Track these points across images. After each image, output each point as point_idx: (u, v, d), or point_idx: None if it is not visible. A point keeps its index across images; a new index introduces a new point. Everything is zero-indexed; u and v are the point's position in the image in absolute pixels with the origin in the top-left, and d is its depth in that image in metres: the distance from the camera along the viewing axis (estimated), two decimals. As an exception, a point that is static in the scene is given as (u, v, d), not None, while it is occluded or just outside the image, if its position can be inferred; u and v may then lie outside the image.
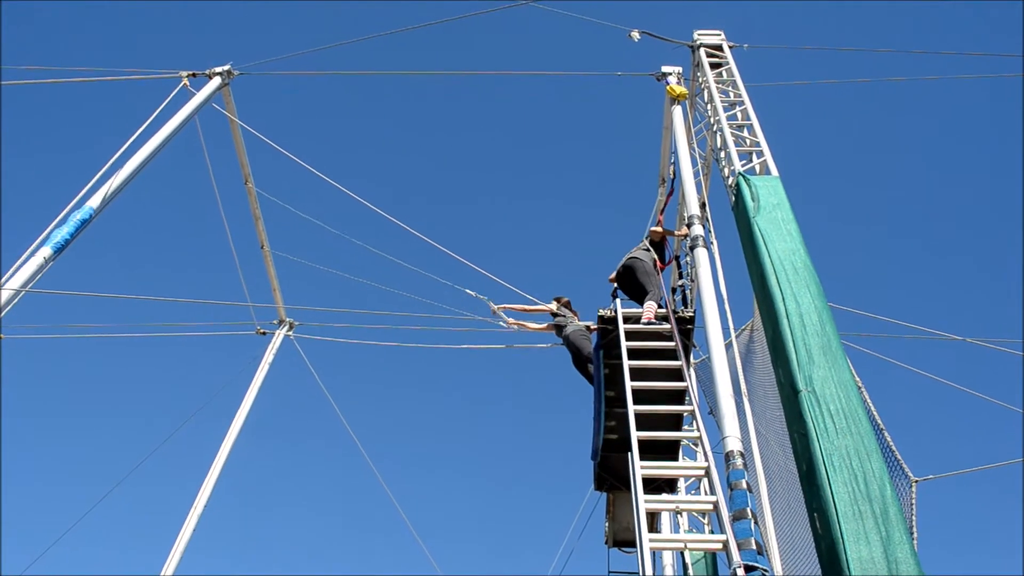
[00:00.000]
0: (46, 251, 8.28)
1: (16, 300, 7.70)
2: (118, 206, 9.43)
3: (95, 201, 8.95)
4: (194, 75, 10.95)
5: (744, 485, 5.94)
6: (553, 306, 10.29)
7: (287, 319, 13.10)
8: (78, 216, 8.75)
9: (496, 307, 10.74)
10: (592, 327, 9.87)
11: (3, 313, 7.55)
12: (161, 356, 32.39)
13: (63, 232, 8.53)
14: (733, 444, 6.21)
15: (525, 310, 10.58)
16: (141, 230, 31.52)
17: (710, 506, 6.20)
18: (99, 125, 30.45)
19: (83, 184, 9.08)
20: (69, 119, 32.25)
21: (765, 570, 5.50)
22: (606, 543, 9.95)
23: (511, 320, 10.95)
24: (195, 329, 11.90)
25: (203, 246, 31.88)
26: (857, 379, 7.05)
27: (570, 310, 10.23)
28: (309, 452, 31.10)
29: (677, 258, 10.58)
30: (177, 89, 10.69)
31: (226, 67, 11.13)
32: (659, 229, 9.95)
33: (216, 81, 10.98)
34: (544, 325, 10.61)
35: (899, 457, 8.33)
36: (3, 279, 7.69)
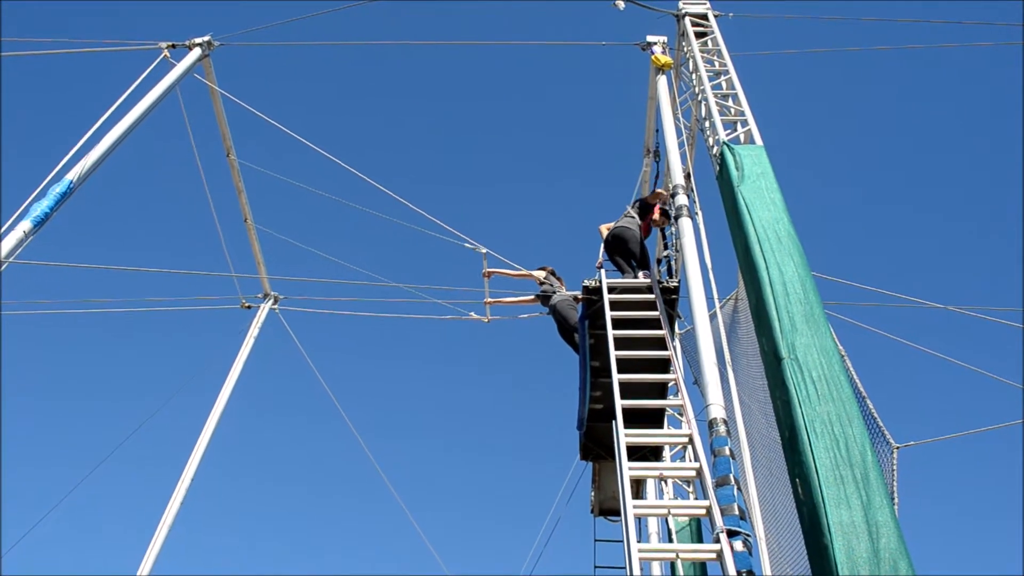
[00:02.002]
0: (25, 225, 8.18)
1: (-3, 273, 7.64)
2: (98, 179, 9.34)
3: (74, 174, 8.85)
4: (174, 46, 10.82)
5: (727, 452, 6.00)
6: (540, 274, 10.29)
7: (272, 292, 13.05)
8: (57, 189, 8.64)
9: (488, 269, 10.80)
10: (579, 297, 9.89)
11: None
12: (145, 332, 32.26)
13: (43, 205, 8.43)
14: (716, 412, 6.26)
15: (513, 275, 10.60)
16: (123, 203, 31.26)
17: (693, 473, 6.26)
18: (78, 97, 30.10)
19: (62, 157, 8.99)
20: (47, 91, 31.87)
21: (748, 534, 5.56)
22: (592, 512, 10.04)
23: (489, 299, 11.13)
24: (179, 303, 11.87)
25: (186, 219, 31.67)
26: (840, 347, 7.10)
27: (556, 278, 10.24)
28: (295, 425, 31.13)
29: (662, 228, 10.58)
30: (157, 60, 10.56)
31: (206, 38, 11.00)
32: (662, 193, 9.93)
33: (196, 52, 10.85)
34: (528, 296, 10.62)
35: (881, 424, 8.41)
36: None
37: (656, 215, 9.79)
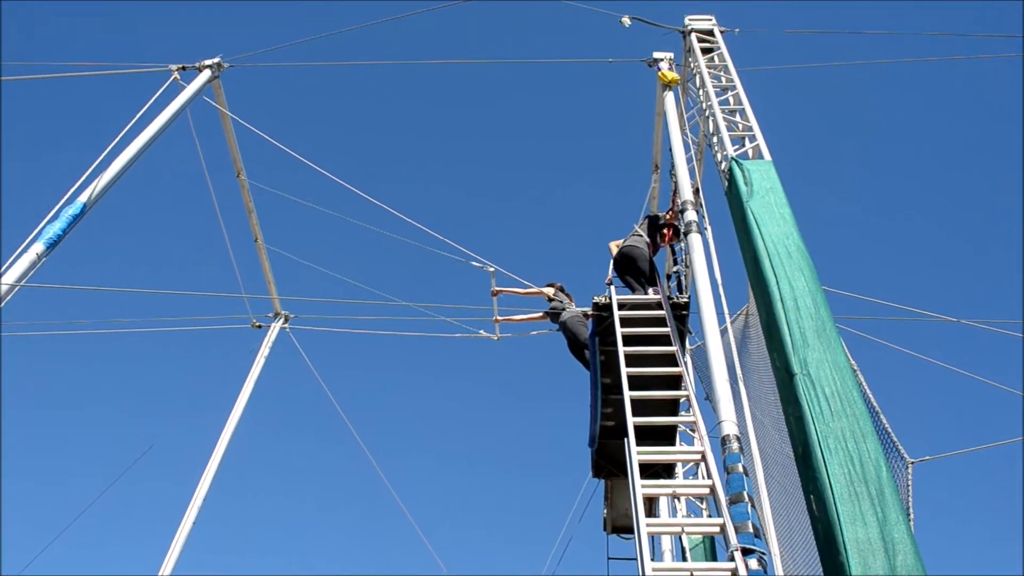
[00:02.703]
0: (39, 247, 8.25)
1: (10, 295, 7.68)
2: (110, 201, 9.40)
3: (87, 196, 8.92)
4: (184, 68, 10.91)
5: (740, 469, 5.97)
6: (549, 291, 10.27)
7: (282, 312, 13.09)
8: (70, 211, 8.72)
9: (497, 288, 10.79)
10: (589, 313, 9.89)
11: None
12: (157, 351, 32.35)
13: (55, 227, 8.50)
14: (729, 428, 6.23)
15: (522, 293, 10.59)
16: (134, 225, 31.42)
17: (707, 490, 6.24)
18: (90, 120, 30.32)
19: (74, 179, 9.06)
20: (60, 114, 32.14)
21: (762, 552, 5.53)
22: (604, 530, 9.99)
23: (498, 317, 11.12)
24: (190, 323, 11.91)
25: (197, 240, 31.82)
26: (852, 362, 7.08)
27: (565, 295, 10.22)
28: (307, 444, 31.13)
29: (672, 245, 10.58)
30: (168, 83, 10.65)
31: (216, 60, 11.08)
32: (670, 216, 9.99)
33: (206, 74, 10.93)
34: (537, 314, 10.59)
35: (895, 439, 8.36)
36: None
37: (668, 238, 9.84)
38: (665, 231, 9.88)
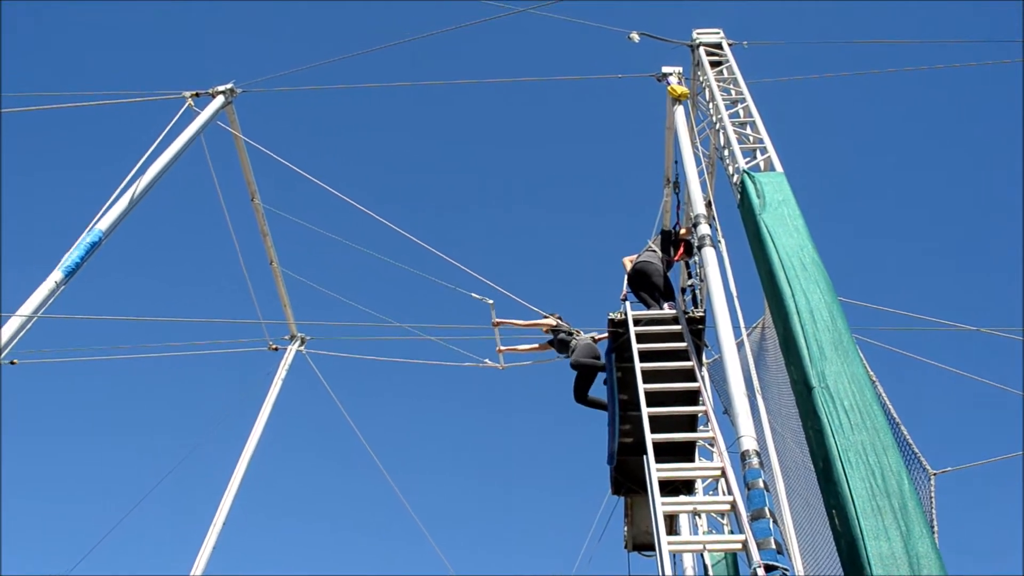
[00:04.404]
0: (57, 275, 8.32)
1: (28, 326, 7.74)
2: (126, 227, 9.48)
3: (104, 224, 9.00)
4: (197, 95, 11.01)
5: (761, 484, 5.92)
6: (550, 322, 10.16)
7: (298, 334, 13.15)
8: (87, 239, 8.79)
9: (497, 319, 10.72)
10: (597, 337, 9.88)
11: (16, 339, 7.58)
12: (175, 375, 32.51)
13: (73, 256, 8.57)
14: (748, 443, 6.19)
15: (522, 325, 10.46)
16: (150, 250, 31.64)
17: (728, 506, 6.20)
18: (105, 147, 30.63)
19: (91, 207, 9.14)
20: (75, 142, 32.45)
21: (785, 569, 5.47)
22: (625, 547, 9.92)
23: (501, 347, 11.11)
24: (208, 347, 11.96)
25: (212, 264, 32.01)
26: (871, 373, 7.03)
27: (565, 324, 10.13)
28: (324, 463, 31.14)
29: (688, 256, 10.55)
30: (182, 109, 10.75)
31: (229, 85, 11.19)
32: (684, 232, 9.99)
33: (219, 100, 11.03)
34: (536, 345, 10.53)
35: (916, 451, 8.27)
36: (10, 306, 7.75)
37: (680, 254, 9.82)
38: (679, 246, 9.86)
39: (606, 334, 9.88)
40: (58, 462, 29.63)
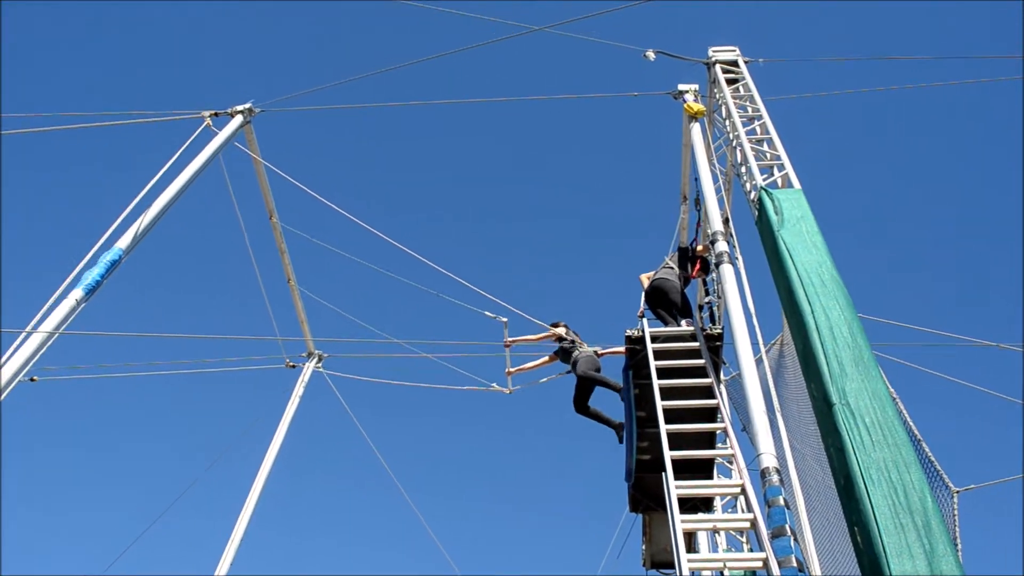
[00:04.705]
0: (77, 293, 8.37)
1: (50, 342, 7.80)
2: (144, 244, 9.54)
3: (124, 242, 9.07)
4: (216, 114, 11.11)
5: (781, 502, 5.88)
6: (560, 331, 10.24)
7: (316, 352, 13.20)
8: (108, 257, 8.85)
9: (509, 339, 10.73)
10: (601, 352, 9.85)
11: (38, 356, 7.64)
12: (194, 392, 32.63)
13: (93, 273, 8.62)
14: (768, 461, 6.15)
15: (534, 340, 10.52)
16: (167, 268, 31.88)
17: (747, 524, 6.15)
18: (123, 165, 30.90)
19: (110, 224, 9.20)
20: (94, 160, 32.75)
21: (807, 587, 5.43)
22: (644, 565, 9.86)
23: (511, 369, 11.12)
24: (226, 364, 12.02)
25: (229, 282, 32.21)
26: (891, 390, 6.98)
27: (573, 333, 10.23)
28: (340, 479, 31.14)
29: (705, 273, 10.52)
30: (200, 129, 10.85)
31: (247, 105, 11.28)
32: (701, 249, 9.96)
33: (238, 119, 11.13)
34: (546, 358, 10.57)
35: (939, 468, 8.20)
36: (35, 322, 7.81)
37: (696, 270, 9.79)
38: (696, 263, 9.82)
39: (612, 349, 9.89)
40: (74, 482, 29.75)
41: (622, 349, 9.49)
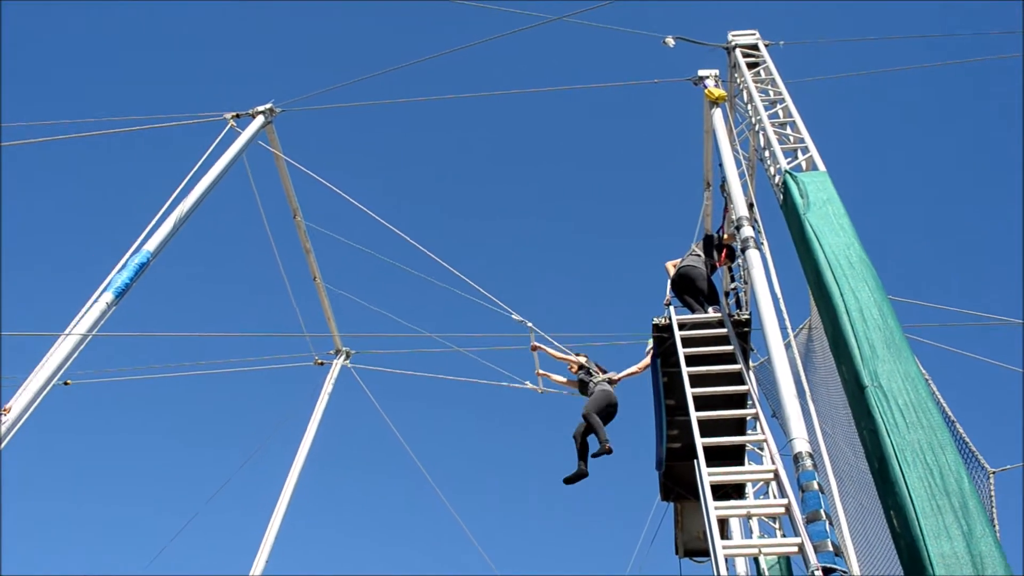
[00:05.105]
0: (108, 296, 8.47)
1: (83, 345, 7.90)
2: (169, 247, 9.60)
3: (152, 244, 9.16)
4: (238, 116, 11.18)
5: (816, 486, 5.85)
6: (581, 359, 9.92)
7: (343, 348, 13.27)
8: (136, 260, 8.95)
9: (535, 343, 10.61)
10: (616, 378, 9.57)
11: (72, 359, 7.75)
12: (223, 393, 32.93)
13: (123, 277, 8.72)
14: (801, 445, 6.12)
15: (555, 356, 10.28)
16: (192, 270, 32.16)
17: (782, 509, 6.12)
18: (148, 168, 31.19)
19: (138, 228, 9.30)
20: (119, 163, 33.06)
21: (844, 571, 5.40)
22: (676, 553, 9.85)
23: (540, 371, 10.91)
24: (256, 363, 12.13)
25: (254, 281, 32.43)
26: (923, 371, 6.91)
27: (594, 365, 9.82)
28: (370, 474, 31.29)
29: (730, 261, 10.47)
30: (224, 131, 10.92)
31: (268, 105, 11.34)
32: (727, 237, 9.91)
33: (260, 120, 11.19)
34: (567, 380, 10.29)
35: (974, 449, 8.11)
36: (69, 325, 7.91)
37: (723, 258, 9.74)
38: (722, 251, 9.76)
39: (627, 372, 9.60)
40: (108, 482, 30.14)
41: (637, 368, 9.42)
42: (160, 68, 33.21)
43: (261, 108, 11.31)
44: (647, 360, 9.56)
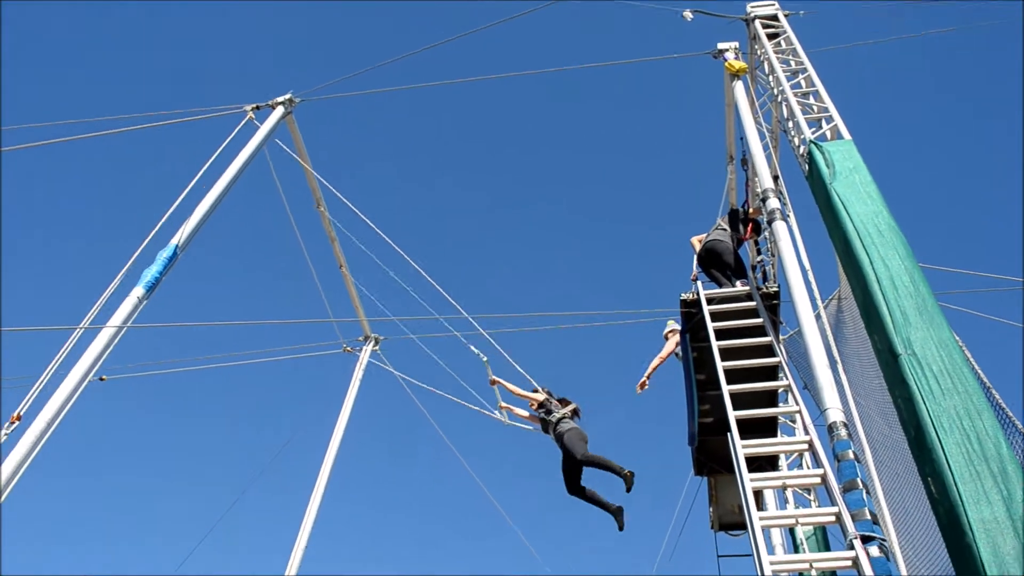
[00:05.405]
0: (139, 291, 8.56)
1: (118, 338, 8.00)
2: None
3: (178, 238, 9.23)
4: (258, 107, 11.22)
5: (851, 456, 5.83)
6: (539, 396, 9.36)
7: (372, 334, 13.32)
8: (164, 254, 9.04)
9: (494, 377, 10.00)
10: (571, 411, 9.13)
11: (107, 353, 7.85)
12: (252, 386, 33.27)
13: (152, 271, 8.81)
14: (835, 415, 6.09)
15: (515, 392, 9.69)
16: (218, 261, 32.41)
17: (818, 479, 6.10)
18: (168, 163, 31.42)
19: (158, 222, 9.35)
20: (140, 159, 33.34)
21: (883, 539, 5.38)
22: (711, 528, 9.86)
23: (503, 404, 10.21)
24: (285, 353, 12.23)
25: (277, 272, 32.66)
26: (957, 338, 6.85)
27: (555, 400, 9.32)
28: (404, 462, 31.54)
29: (756, 235, 10.40)
30: (243, 123, 10.96)
31: (287, 96, 11.37)
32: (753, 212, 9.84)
33: (279, 111, 11.22)
34: (529, 415, 9.68)
35: (1011, 414, 8.02)
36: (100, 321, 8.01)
37: (749, 232, 9.67)
38: (748, 225, 9.68)
39: (652, 365, 9.37)
40: (147, 473, 30.59)
41: (660, 360, 9.27)
42: (177, 64, 33.41)
43: (280, 99, 11.34)
44: (669, 346, 9.52)
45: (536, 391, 9.48)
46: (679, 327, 9.00)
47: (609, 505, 8.62)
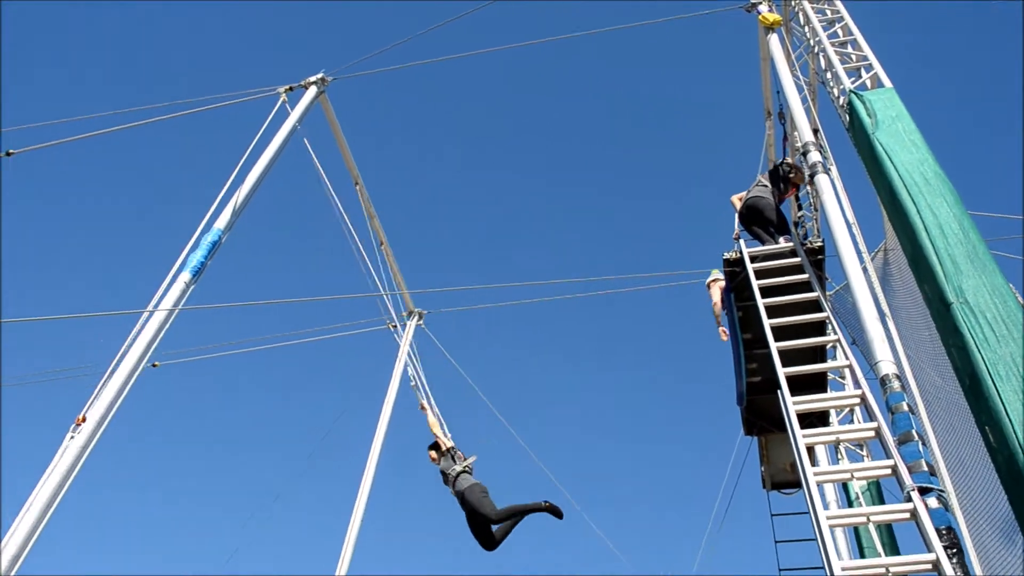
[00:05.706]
0: (185, 276, 8.68)
1: (170, 322, 8.14)
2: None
3: (221, 222, 9.32)
4: (291, 88, 11.24)
5: (905, 408, 5.77)
6: (449, 443, 9.31)
7: (416, 309, 13.37)
8: (209, 239, 9.14)
9: (423, 403, 10.26)
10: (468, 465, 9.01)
11: (159, 337, 8.00)
12: (298, 360, 33.66)
13: (198, 255, 8.92)
14: (887, 368, 6.03)
15: (432, 428, 9.64)
16: (257, 245, 32.74)
17: (871, 433, 6.04)
18: (204, 148, 31.71)
19: (202, 208, 9.46)
20: (179, 146, 33.72)
21: (941, 490, 5.33)
22: (764, 487, 9.84)
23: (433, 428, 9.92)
24: (332, 331, 12.34)
25: (313, 252, 32.90)
26: (1010, 285, 6.71)
27: (453, 457, 9.15)
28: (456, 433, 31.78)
29: (796, 192, 10.23)
30: (278, 105, 11.00)
31: (320, 75, 11.38)
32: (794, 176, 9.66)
33: (312, 91, 11.23)
34: (435, 454, 9.48)
35: (1068, 359, 7.86)
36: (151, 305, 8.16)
37: (792, 191, 9.51)
38: (791, 182, 9.50)
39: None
40: (199, 455, 31.25)
41: (715, 309, 9.28)
42: (208, 51, 33.64)
43: (312, 79, 11.34)
44: (715, 295, 9.42)
45: (447, 436, 9.48)
46: (721, 276, 8.97)
47: (536, 507, 8.51)
